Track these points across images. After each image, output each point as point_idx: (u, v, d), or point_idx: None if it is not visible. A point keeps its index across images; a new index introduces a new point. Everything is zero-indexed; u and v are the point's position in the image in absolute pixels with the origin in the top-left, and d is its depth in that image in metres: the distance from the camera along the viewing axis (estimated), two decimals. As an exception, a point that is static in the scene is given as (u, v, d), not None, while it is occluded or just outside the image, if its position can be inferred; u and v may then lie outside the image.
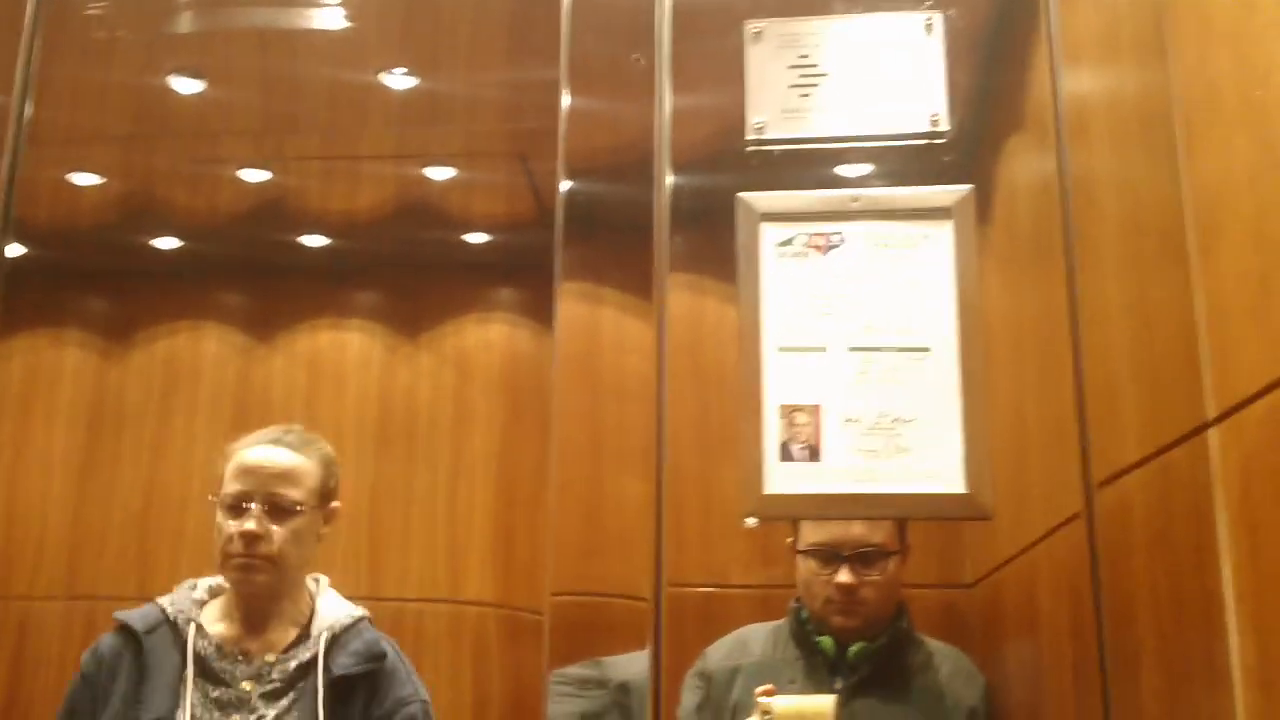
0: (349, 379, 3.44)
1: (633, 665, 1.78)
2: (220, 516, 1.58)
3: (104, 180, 3.17)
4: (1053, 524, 1.59)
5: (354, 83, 2.81)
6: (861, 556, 1.52)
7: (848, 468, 1.38)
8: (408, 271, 3.58)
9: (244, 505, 1.56)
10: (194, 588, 1.66)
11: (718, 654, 1.76)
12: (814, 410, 1.40)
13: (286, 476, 1.58)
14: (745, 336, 1.43)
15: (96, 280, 3.45)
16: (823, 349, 1.42)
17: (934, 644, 1.72)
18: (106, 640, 1.61)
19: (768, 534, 1.57)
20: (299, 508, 1.58)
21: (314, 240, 3.46)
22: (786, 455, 1.39)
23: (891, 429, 1.38)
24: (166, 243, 3.42)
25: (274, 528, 1.56)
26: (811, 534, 1.54)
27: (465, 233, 3.38)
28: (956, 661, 1.74)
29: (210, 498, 1.60)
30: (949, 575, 2.64)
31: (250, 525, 1.54)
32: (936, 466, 1.37)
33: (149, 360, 3.50)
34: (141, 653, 1.56)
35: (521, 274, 3.58)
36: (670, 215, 1.47)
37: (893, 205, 1.45)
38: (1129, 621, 1.43)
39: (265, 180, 3.23)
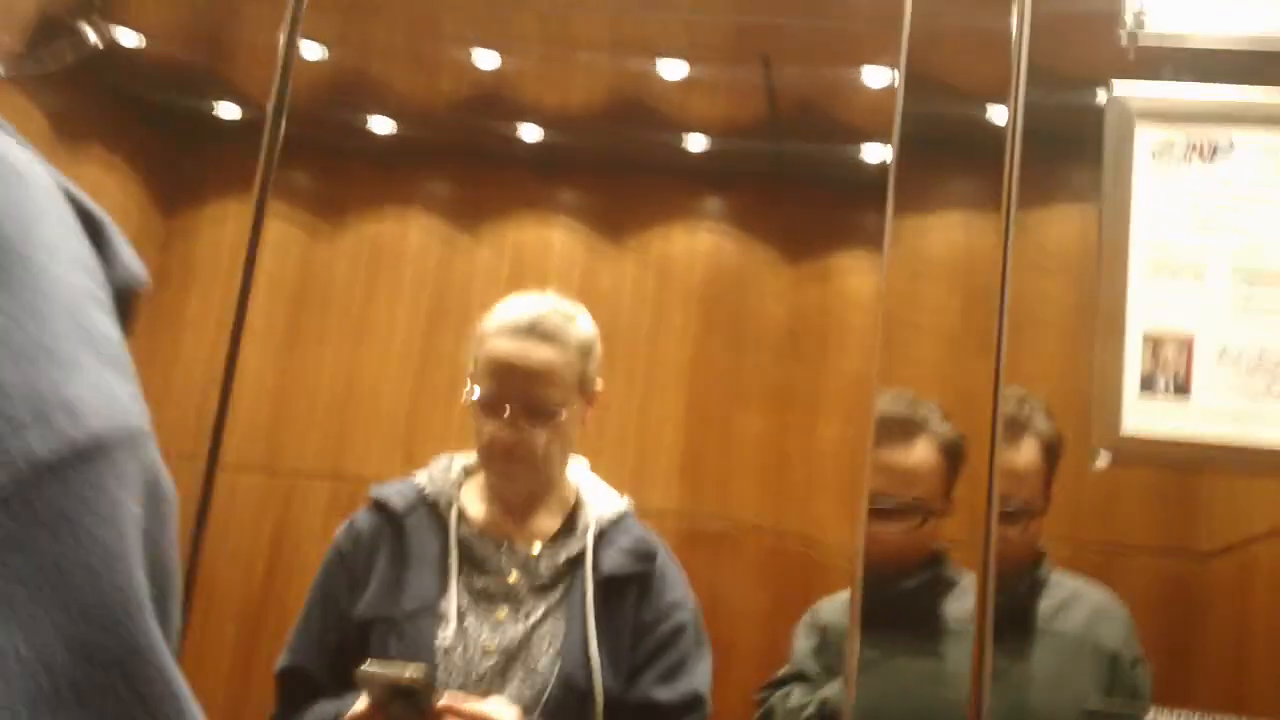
0: (550, 276, 3.36)
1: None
2: (476, 413, 1.45)
3: (325, 54, 3.10)
4: None
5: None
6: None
7: (1222, 409, 1.20)
8: (617, 171, 3.47)
9: (500, 408, 1.43)
10: (449, 467, 1.54)
11: (830, 607, 1.76)
12: (1186, 341, 1.22)
13: (545, 377, 1.43)
14: (1109, 251, 1.26)
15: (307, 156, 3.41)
16: (1200, 272, 1.23)
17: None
18: (363, 518, 1.50)
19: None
20: (559, 408, 1.45)
21: (526, 132, 3.36)
22: (1150, 389, 1.22)
23: (1277, 369, 1.20)
24: (380, 123, 3.36)
25: (535, 431, 1.43)
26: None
27: (685, 133, 3.25)
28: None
29: (465, 397, 1.48)
30: (1177, 539, 2.44)
31: (510, 434, 1.42)
32: (1330, 417, 1.19)
33: (354, 244, 3.47)
34: (402, 534, 1.46)
35: (739, 181, 3.44)
36: (1024, 123, 1.29)
37: (1297, 112, 1.25)
38: None
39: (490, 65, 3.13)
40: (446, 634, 1.39)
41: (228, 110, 3.38)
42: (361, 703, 1.27)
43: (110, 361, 0.39)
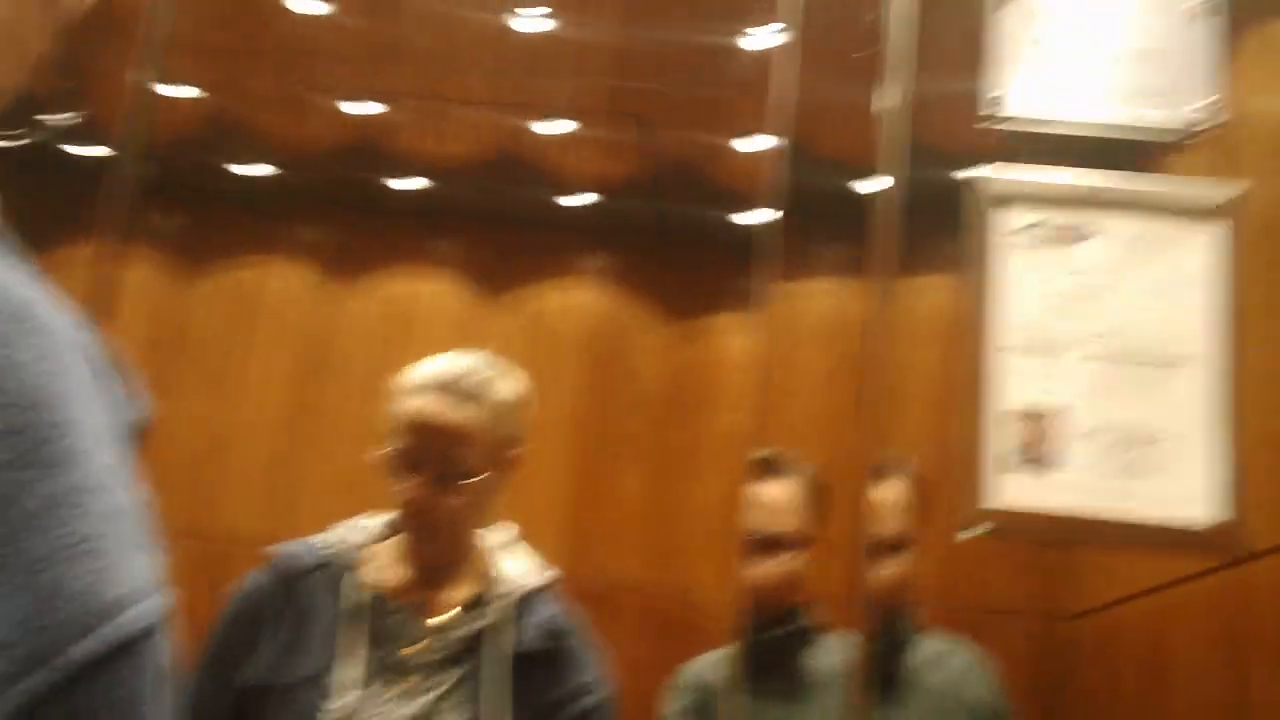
0: (425, 329, 3.30)
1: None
2: (391, 471, 1.38)
3: (199, 95, 3.01)
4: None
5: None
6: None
7: (1086, 485, 1.23)
8: (495, 224, 3.44)
9: (414, 468, 1.37)
10: (365, 526, 1.46)
11: (699, 668, 1.80)
12: (1047, 418, 1.25)
13: (460, 438, 1.37)
14: (970, 330, 1.28)
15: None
16: (1063, 351, 1.26)
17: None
18: (258, 579, 1.41)
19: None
20: (475, 471, 1.38)
21: (403, 184, 3.31)
22: (1011, 464, 1.24)
23: (1138, 447, 1.23)
24: (253, 169, 3.28)
25: (448, 493, 1.37)
26: None
27: (564, 190, 3.24)
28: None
29: (378, 450, 1.41)
30: (1046, 603, 2.50)
31: (421, 496, 1.36)
32: (1188, 492, 1.22)
33: (217, 291, 3.36)
34: (299, 598, 1.37)
35: (617, 239, 3.44)
36: (897, 195, 1.32)
37: (1152, 199, 1.30)
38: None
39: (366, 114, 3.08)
40: (343, 705, 1.31)
41: (92, 151, 3.25)
42: None
43: (136, 540, 0.43)
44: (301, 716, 1.28)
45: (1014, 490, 1.24)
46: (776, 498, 1.71)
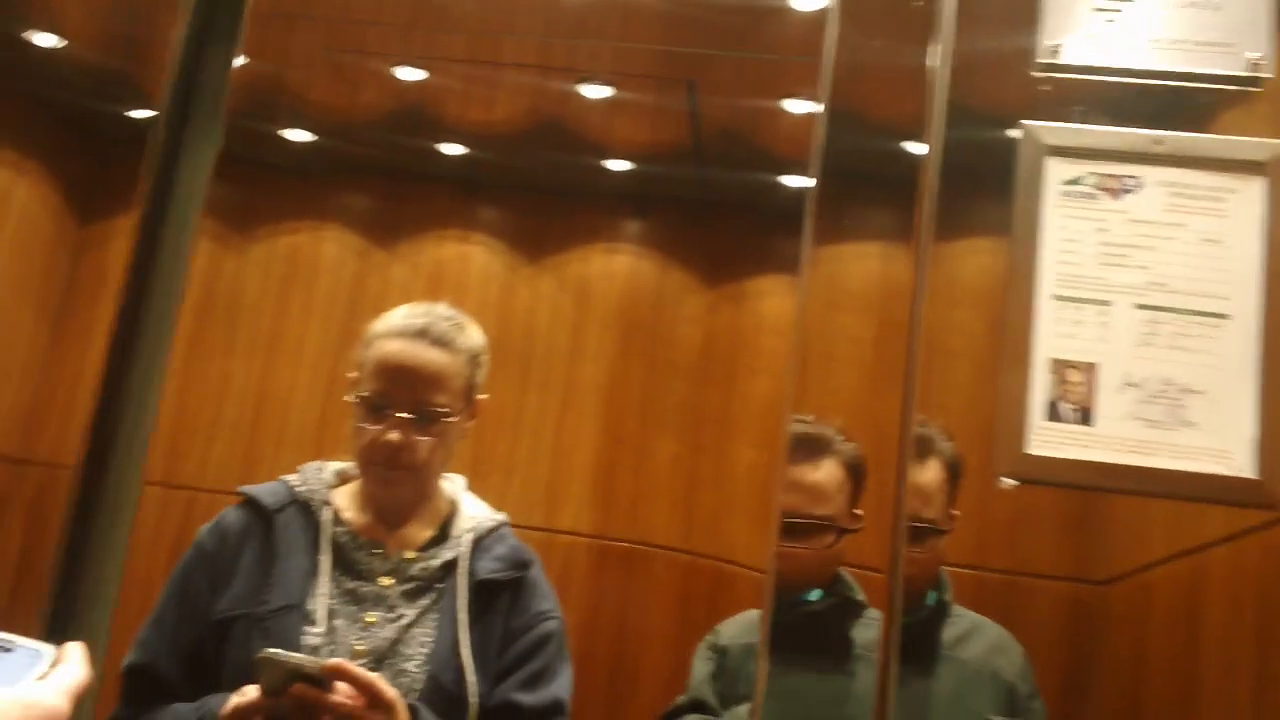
0: (468, 294, 3.34)
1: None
2: (359, 414, 1.45)
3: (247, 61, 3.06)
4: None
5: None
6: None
7: (1123, 436, 1.23)
8: (538, 190, 3.47)
9: (386, 410, 1.43)
10: (321, 469, 1.54)
11: (731, 630, 1.78)
12: (1090, 368, 1.26)
13: (434, 380, 1.44)
14: (1016, 279, 1.29)
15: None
16: (1105, 303, 1.27)
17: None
18: (230, 515, 1.48)
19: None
20: (446, 414, 1.45)
21: (449, 149, 3.34)
22: (1054, 415, 1.25)
23: (1177, 399, 1.24)
24: (301, 135, 3.32)
25: (419, 435, 1.44)
26: None
27: (607, 157, 3.26)
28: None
29: (349, 397, 1.47)
30: (1075, 569, 2.50)
31: (394, 436, 1.41)
32: (1225, 446, 1.23)
33: (268, 256, 3.41)
34: (271, 532, 1.44)
35: (659, 205, 3.45)
36: (941, 157, 1.33)
37: (1200, 152, 1.30)
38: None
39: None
40: (314, 632, 1.37)
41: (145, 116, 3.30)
42: (252, 690, 1.24)
43: None
44: (280, 643, 1.33)
45: (1055, 439, 1.25)
46: (817, 481, 1.70)
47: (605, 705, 3.14)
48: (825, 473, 1.67)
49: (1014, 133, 1.32)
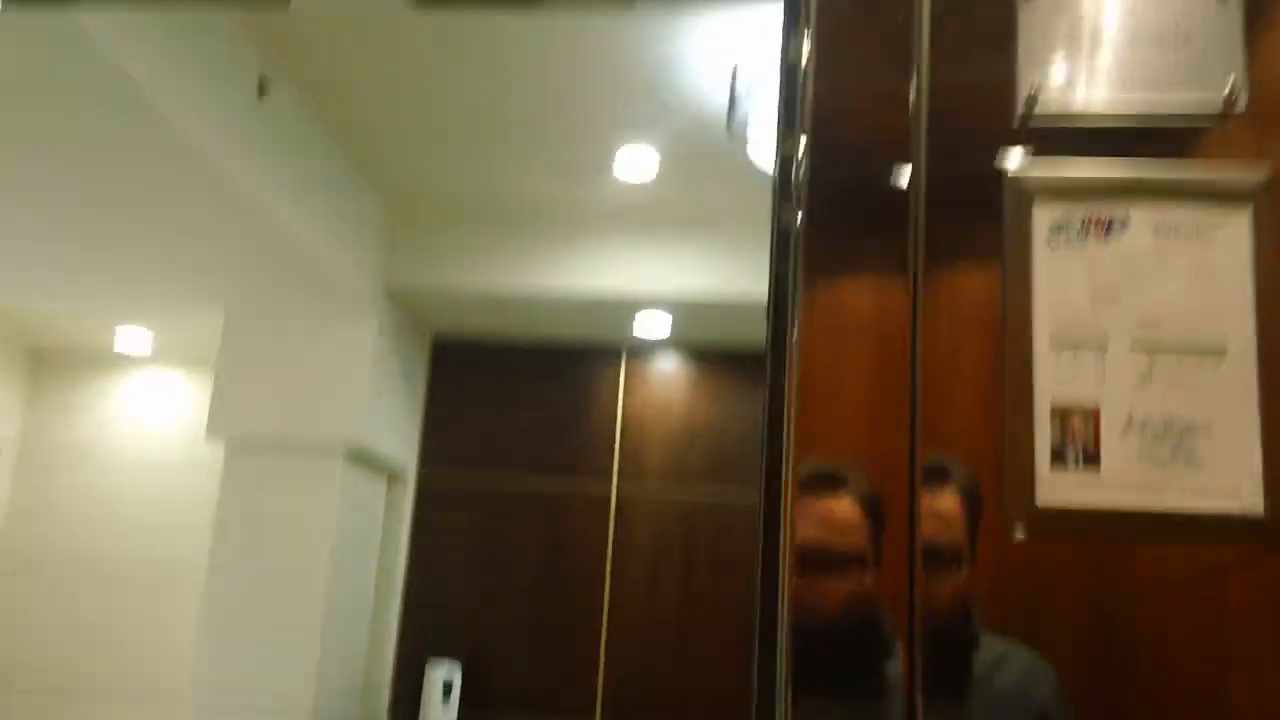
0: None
1: None
2: None
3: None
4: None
5: None
6: None
7: (1131, 479, 1.23)
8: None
9: None
10: None
11: None
12: (1092, 413, 1.25)
13: None
14: (1012, 327, 1.28)
15: None
16: (1102, 344, 1.26)
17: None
18: None
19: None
20: None
21: None
22: (1060, 462, 1.24)
23: (1182, 438, 1.23)
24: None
25: None
26: None
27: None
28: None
29: None
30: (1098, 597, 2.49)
31: None
32: (1233, 483, 1.22)
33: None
34: None
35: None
36: (928, 186, 1.32)
37: (1184, 185, 1.29)
38: None
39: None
40: None
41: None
42: None
43: None
44: None
45: (1063, 487, 1.24)
46: (841, 515, 1.68)
47: None
48: (846, 506, 1.66)
49: (1000, 161, 1.31)
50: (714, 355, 5.37)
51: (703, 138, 4.19)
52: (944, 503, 1.69)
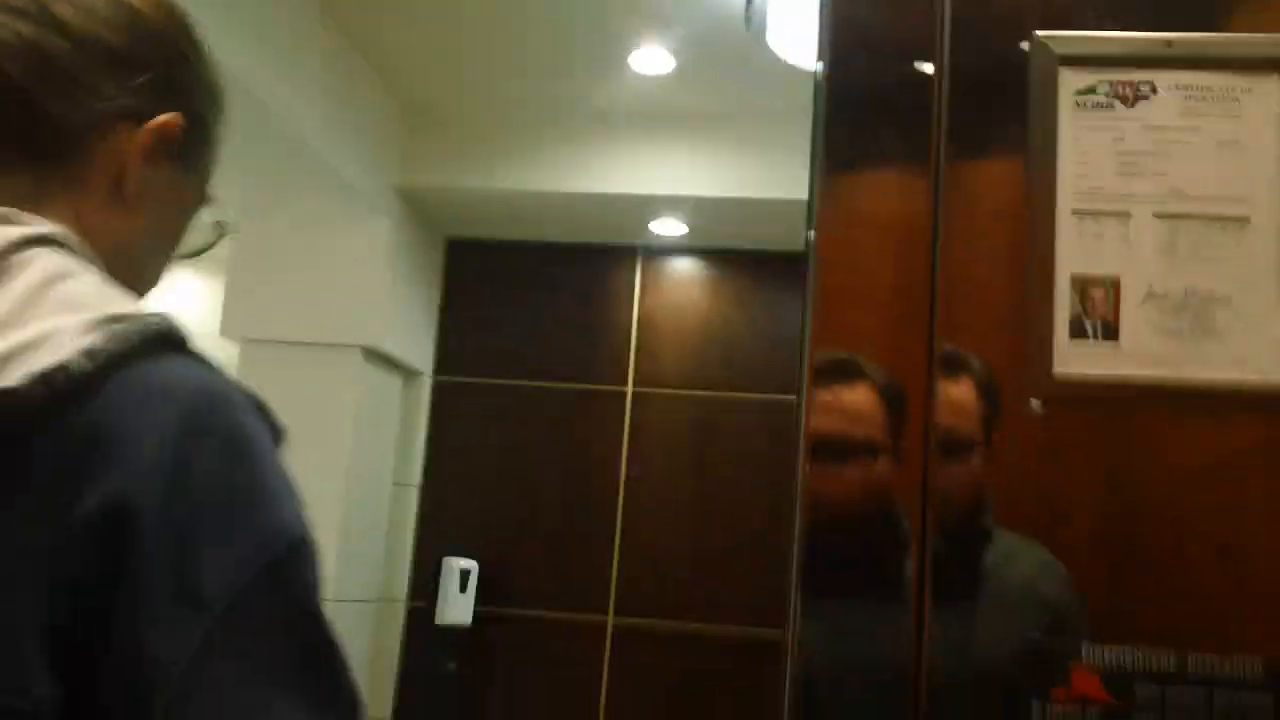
0: None
1: None
2: None
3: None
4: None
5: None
6: None
7: (1150, 350, 1.22)
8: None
9: None
10: None
11: None
12: (1112, 283, 1.24)
13: None
14: (1036, 197, 1.27)
15: None
16: (1125, 214, 1.25)
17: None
18: None
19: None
20: None
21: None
22: (1079, 332, 1.24)
23: (1202, 309, 1.23)
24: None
25: None
26: None
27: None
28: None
29: None
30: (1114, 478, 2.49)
31: None
32: (1253, 354, 1.22)
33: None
34: None
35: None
36: (950, 76, 1.29)
37: (1213, 52, 1.27)
38: None
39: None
40: None
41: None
42: None
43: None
44: None
45: (1081, 359, 1.24)
46: (857, 403, 1.65)
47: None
48: (861, 395, 1.63)
49: (1023, 46, 1.29)
50: (731, 255, 5.34)
51: (718, 32, 4.11)
52: (961, 392, 1.68)
